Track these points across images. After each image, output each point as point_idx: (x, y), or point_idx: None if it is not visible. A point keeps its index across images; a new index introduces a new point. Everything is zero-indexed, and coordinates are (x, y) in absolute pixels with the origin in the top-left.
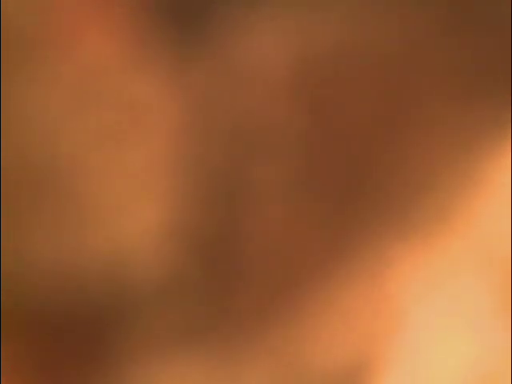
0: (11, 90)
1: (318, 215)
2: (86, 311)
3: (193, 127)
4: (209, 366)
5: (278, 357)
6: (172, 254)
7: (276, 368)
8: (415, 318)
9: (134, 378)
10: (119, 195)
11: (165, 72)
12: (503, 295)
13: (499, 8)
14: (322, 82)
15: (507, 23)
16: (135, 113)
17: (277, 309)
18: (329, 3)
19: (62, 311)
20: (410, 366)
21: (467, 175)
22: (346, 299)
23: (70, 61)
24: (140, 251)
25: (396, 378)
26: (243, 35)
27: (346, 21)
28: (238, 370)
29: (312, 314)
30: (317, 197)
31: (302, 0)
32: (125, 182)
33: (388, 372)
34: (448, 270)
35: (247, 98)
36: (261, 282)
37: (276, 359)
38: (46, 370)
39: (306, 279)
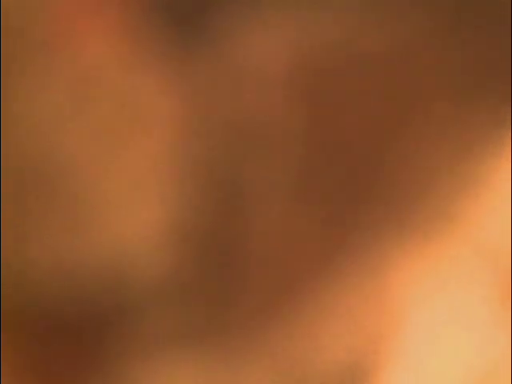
0: (10, 90)
1: (319, 215)
2: (86, 311)
3: (192, 126)
4: (209, 366)
5: (279, 357)
6: (172, 253)
7: (277, 368)
8: (415, 319)
9: (134, 378)
10: (119, 195)
11: (164, 71)
12: (503, 295)
13: (499, 8)
14: (322, 80)
15: (507, 23)
16: (135, 112)
17: (277, 309)
18: (328, 2)
19: (61, 310)
20: (410, 367)
21: (467, 177)
22: (347, 300)
23: (69, 61)
24: (140, 251)
25: (396, 378)
26: (242, 34)
27: (346, 20)
28: (239, 370)
29: (312, 315)
30: (317, 197)
31: (303, 2)
32: (125, 182)
33: (388, 372)
34: (448, 271)
35: (247, 96)
36: (261, 282)
37: (277, 359)
38: (46, 369)
39: (307, 280)
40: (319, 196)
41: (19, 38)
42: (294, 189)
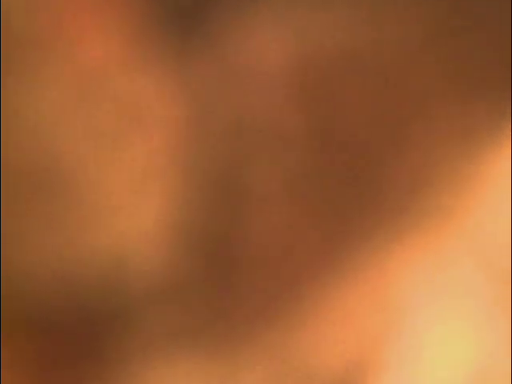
0: (11, 91)
1: (317, 214)
2: (86, 311)
3: (192, 126)
4: (208, 366)
5: (278, 357)
6: (172, 253)
7: (275, 368)
8: (415, 318)
9: (134, 378)
10: (119, 195)
11: (164, 71)
12: (503, 294)
13: (499, 8)
14: (322, 80)
15: (507, 23)
16: (135, 112)
17: (276, 309)
18: (328, 3)
19: (61, 312)
20: (409, 366)
21: (466, 173)
22: (346, 299)
23: (70, 61)
24: (140, 251)
25: (395, 377)
26: (243, 35)
27: (345, 21)
28: (238, 370)
29: (311, 314)
30: (316, 196)
31: (302, 0)
32: (125, 182)
33: (387, 372)
34: (447, 269)
35: (247, 97)
36: (260, 282)
37: (275, 359)
38: (46, 371)
39: (306, 279)
40: (319, 195)
41: (19, 39)
42: (294, 188)
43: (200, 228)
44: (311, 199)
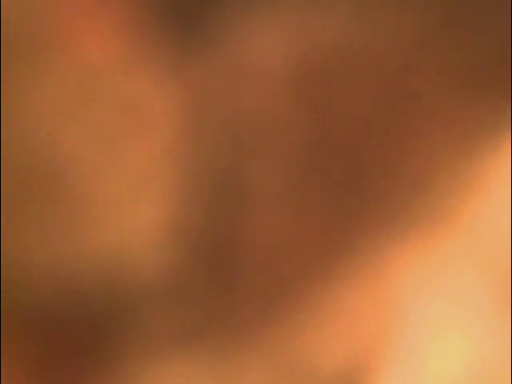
0: (11, 90)
1: (318, 214)
2: (86, 312)
3: (193, 126)
4: (208, 366)
5: (278, 357)
6: (172, 254)
7: (276, 368)
8: (415, 318)
9: (134, 378)
10: (119, 195)
11: (165, 71)
12: (503, 295)
13: (499, 8)
14: (322, 80)
15: (507, 23)
16: (135, 112)
17: (277, 309)
18: (328, 3)
19: (60, 312)
20: (409, 366)
21: (466, 173)
22: (346, 299)
23: (70, 60)
24: (139, 251)
25: (395, 377)
26: (242, 35)
27: (346, 19)
28: (238, 370)
29: (311, 314)
30: (316, 196)
31: (302, 0)
32: (124, 182)
33: (387, 371)
34: (447, 269)
35: (248, 97)
36: (260, 282)
37: (276, 359)
38: (45, 371)
39: (306, 279)
40: (319, 195)
41: (19, 38)
42: (294, 188)
43: (200, 228)
44: (311, 199)
